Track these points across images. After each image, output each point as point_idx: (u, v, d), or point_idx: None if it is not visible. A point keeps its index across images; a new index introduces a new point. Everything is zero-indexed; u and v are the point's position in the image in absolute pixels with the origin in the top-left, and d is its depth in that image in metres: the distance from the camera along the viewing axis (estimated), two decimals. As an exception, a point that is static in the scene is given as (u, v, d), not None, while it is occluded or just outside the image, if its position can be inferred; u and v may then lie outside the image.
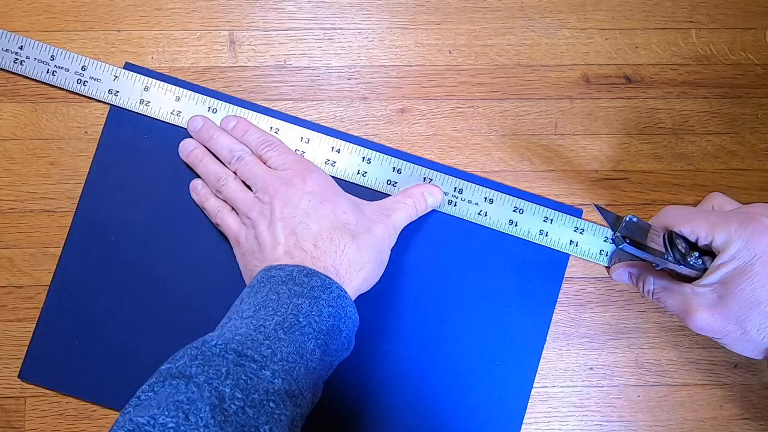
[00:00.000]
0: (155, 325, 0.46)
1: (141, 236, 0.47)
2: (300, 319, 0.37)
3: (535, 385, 0.47)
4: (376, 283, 0.44)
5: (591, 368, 0.48)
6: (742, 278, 0.38)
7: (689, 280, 0.42)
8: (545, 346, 0.48)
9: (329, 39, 0.50)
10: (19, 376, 0.46)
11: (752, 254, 0.38)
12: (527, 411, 0.47)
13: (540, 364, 0.47)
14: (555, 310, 0.48)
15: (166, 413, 0.29)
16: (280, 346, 0.35)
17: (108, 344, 0.46)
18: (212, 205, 0.45)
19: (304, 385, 0.35)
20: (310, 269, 0.39)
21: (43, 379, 0.46)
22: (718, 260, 0.39)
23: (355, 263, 0.41)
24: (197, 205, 0.47)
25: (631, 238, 0.40)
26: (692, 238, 0.41)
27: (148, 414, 0.29)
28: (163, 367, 0.33)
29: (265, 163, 0.45)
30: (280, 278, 0.39)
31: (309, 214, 0.42)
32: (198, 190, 0.46)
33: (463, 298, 0.47)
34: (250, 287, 0.40)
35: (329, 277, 0.39)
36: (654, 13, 0.51)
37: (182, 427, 0.29)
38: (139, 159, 0.47)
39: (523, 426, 0.47)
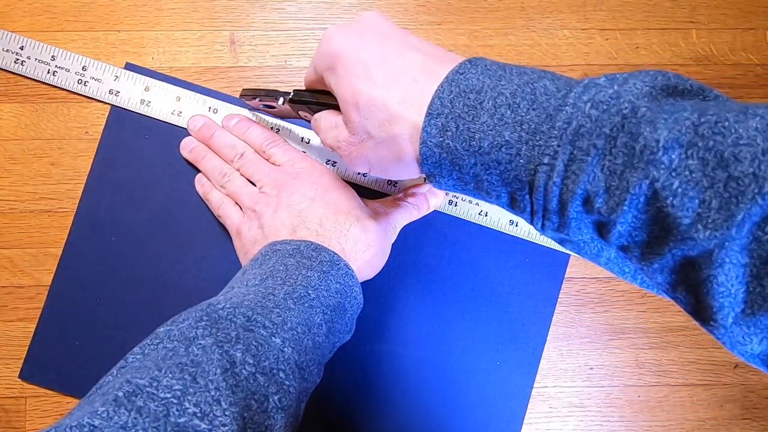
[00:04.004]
0: (156, 325, 0.45)
1: (141, 236, 0.47)
2: (309, 291, 0.36)
3: (535, 385, 0.47)
4: (376, 283, 0.44)
5: (591, 368, 0.48)
6: (331, 80, 0.35)
7: None
8: (545, 346, 0.48)
9: (330, 39, 0.50)
10: (19, 376, 0.46)
11: (326, 61, 0.35)
12: (527, 411, 0.47)
13: (540, 364, 0.47)
14: (555, 310, 0.48)
15: (170, 375, 0.27)
16: (290, 315, 0.33)
17: (108, 344, 0.46)
18: (216, 197, 0.45)
19: (311, 359, 0.34)
20: (318, 244, 0.39)
21: (43, 379, 0.46)
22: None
23: (360, 243, 0.41)
24: (201, 196, 0.47)
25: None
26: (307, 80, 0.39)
27: (148, 376, 0.27)
28: (162, 329, 0.31)
29: (267, 161, 0.45)
30: (287, 251, 0.38)
31: (315, 200, 0.42)
32: (203, 182, 0.47)
33: (464, 298, 0.47)
34: (254, 260, 0.39)
35: (337, 254, 0.39)
36: (654, 13, 0.51)
37: (191, 389, 0.27)
38: (140, 159, 0.47)
39: (523, 426, 0.47)
